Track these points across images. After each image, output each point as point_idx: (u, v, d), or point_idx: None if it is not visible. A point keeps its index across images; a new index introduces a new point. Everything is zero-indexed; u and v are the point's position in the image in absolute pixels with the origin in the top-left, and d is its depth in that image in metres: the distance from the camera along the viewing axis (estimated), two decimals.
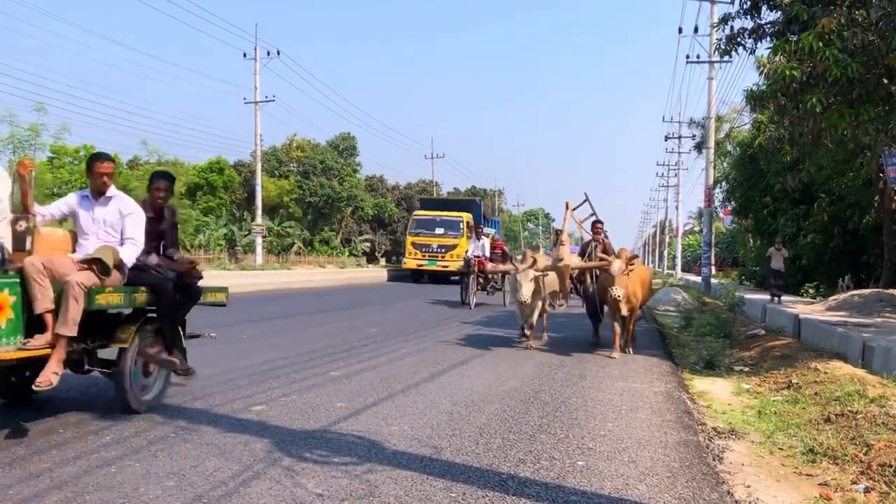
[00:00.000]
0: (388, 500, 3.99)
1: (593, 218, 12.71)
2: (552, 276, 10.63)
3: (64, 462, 4.58)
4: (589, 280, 11.52)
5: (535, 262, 10.14)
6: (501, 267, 13.66)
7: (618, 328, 10.21)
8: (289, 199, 55.12)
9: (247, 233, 47.09)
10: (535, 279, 10.06)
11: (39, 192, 31.37)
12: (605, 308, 11.07)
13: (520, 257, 13.05)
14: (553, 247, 17.27)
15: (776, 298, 17.80)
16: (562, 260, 10.91)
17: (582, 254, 12.28)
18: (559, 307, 12.42)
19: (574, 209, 12.69)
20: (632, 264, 10.03)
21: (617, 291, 9.59)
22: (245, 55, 38.07)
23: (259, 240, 38.37)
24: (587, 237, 12.56)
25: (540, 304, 10.56)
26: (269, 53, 38.19)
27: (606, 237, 11.90)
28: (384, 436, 5.38)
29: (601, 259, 10.55)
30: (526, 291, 9.82)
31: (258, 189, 38.88)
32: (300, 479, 4.33)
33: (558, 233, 19.69)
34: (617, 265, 9.69)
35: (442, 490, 4.19)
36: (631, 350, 10.44)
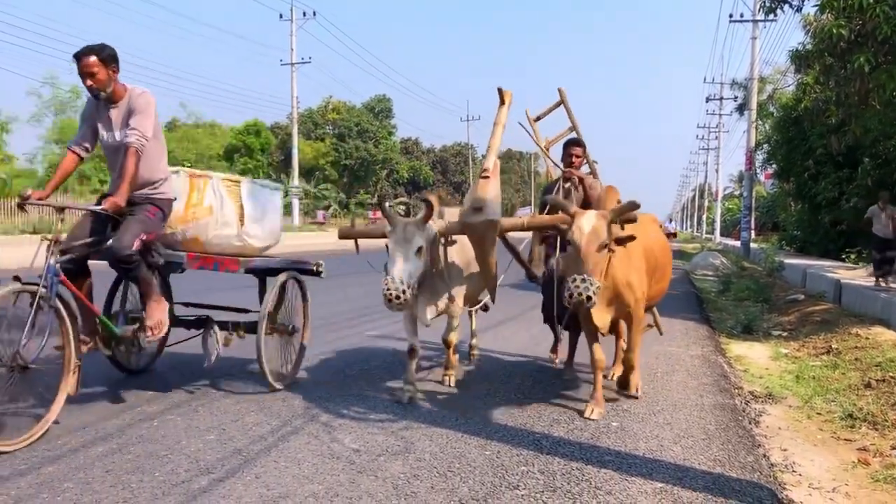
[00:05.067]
0: (424, 457, 4.05)
1: (572, 135, 6.66)
2: (462, 245, 5.44)
3: (109, 415, 4.71)
4: (543, 251, 6.35)
5: (429, 212, 4.97)
6: (360, 230, 5.88)
7: (596, 356, 5.12)
8: (325, 161, 55.37)
9: (284, 195, 47.49)
10: (433, 248, 5.16)
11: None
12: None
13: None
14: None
15: (882, 280, 12.07)
16: (480, 210, 5.02)
17: (543, 207, 5.77)
18: (476, 310, 6.62)
19: (537, 118, 6.68)
20: (630, 221, 4.81)
21: (585, 285, 4.27)
22: (281, 16, 38.09)
23: (296, 202, 38.73)
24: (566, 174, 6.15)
25: (443, 301, 5.45)
26: (304, 14, 38.18)
27: (594, 174, 6.47)
28: (420, 394, 5.43)
29: (565, 212, 4.87)
30: (401, 272, 4.76)
31: (295, 151, 39.10)
32: (337, 435, 4.41)
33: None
34: (586, 223, 4.56)
35: (477, 448, 4.23)
36: (638, 390, 5.61)
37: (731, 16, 28.66)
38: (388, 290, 4.64)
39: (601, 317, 4.98)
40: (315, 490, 3.53)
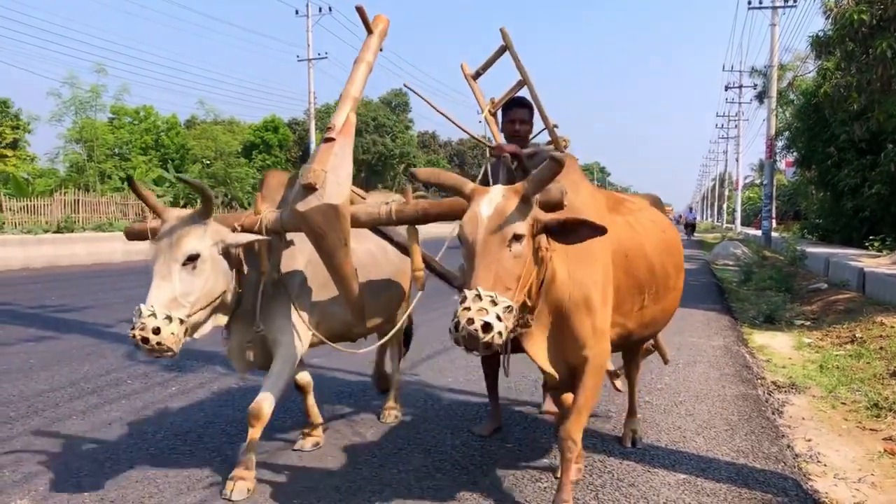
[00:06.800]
0: (445, 450, 4.05)
1: (521, 92, 4.59)
2: (298, 252, 3.74)
3: (133, 411, 4.77)
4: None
5: (209, 203, 3.27)
6: (138, 227, 3.56)
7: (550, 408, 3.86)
8: None
9: None
10: (224, 258, 3.37)
11: (101, 151, 31.82)
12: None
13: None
14: None
15: None
16: (313, 190, 3.26)
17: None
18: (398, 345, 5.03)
19: (477, 74, 4.87)
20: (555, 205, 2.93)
21: (479, 307, 2.52)
22: (297, 12, 38.09)
23: None
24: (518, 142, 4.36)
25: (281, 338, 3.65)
26: (320, 10, 38.11)
27: (557, 144, 4.36)
28: (440, 387, 5.45)
29: (459, 193, 2.98)
30: (156, 299, 3.07)
31: (312, 147, 39.16)
32: (359, 429, 4.43)
33: None
34: (484, 206, 2.77)
35: (498, 440, 4.24)
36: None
37: (749, 2, 28.31)
38: (132, 329, 2.98)
39: (543, 355, 3.12)
40: (337, 484, 3.55)
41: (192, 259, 3.15)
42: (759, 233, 32.08)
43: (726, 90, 49.12)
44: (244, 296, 3.53)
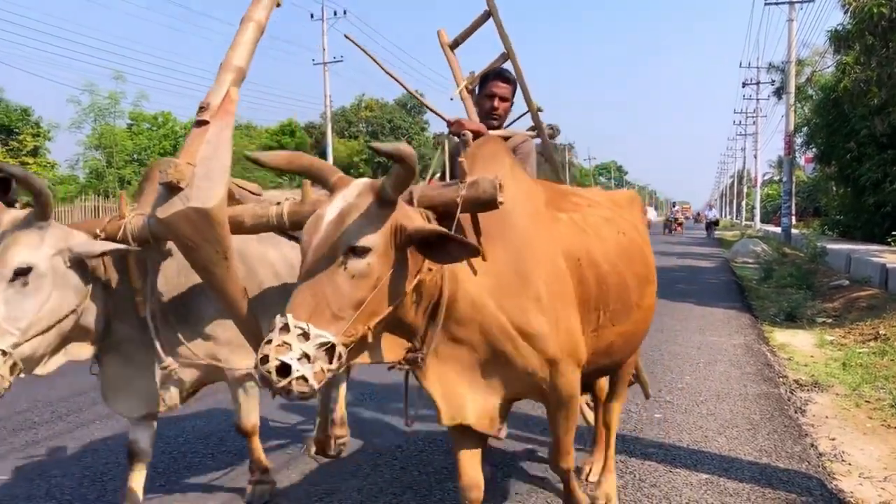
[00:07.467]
0: None
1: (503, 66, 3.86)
2: (174, 263, 2.92)
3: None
4: None
5: (45, 202, 2.53)
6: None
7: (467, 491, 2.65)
8: (359, 159, 55.71)
9: None
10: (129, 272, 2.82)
11: (120, 157, 32.01)
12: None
13: None
14: None
15: None
16: (175, 188, 2.44)
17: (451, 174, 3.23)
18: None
19: (455, 43, 4.14)
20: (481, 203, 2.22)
21: (281, 341, 1.86)
22: (312, 16, 38.27)
23: None
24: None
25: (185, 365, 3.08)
26: (335, 13, 38.27)
27: (541, 131, 3.91)
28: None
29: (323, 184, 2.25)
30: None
31: (329, 150, 39.33)
32: (380, 432, 4.44)
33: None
34: (333, 205, 2.08)
35: (520, 442, 4.23)
36: None
37: None
38: None
39: (453, 405, 2.65)
40: (359, 486, 3.57)
41: (23, 273, 2.46)
42: (778, 230, 31.82)
43: (744, 87, 48.77)
44: (121, 321, 2.90)
